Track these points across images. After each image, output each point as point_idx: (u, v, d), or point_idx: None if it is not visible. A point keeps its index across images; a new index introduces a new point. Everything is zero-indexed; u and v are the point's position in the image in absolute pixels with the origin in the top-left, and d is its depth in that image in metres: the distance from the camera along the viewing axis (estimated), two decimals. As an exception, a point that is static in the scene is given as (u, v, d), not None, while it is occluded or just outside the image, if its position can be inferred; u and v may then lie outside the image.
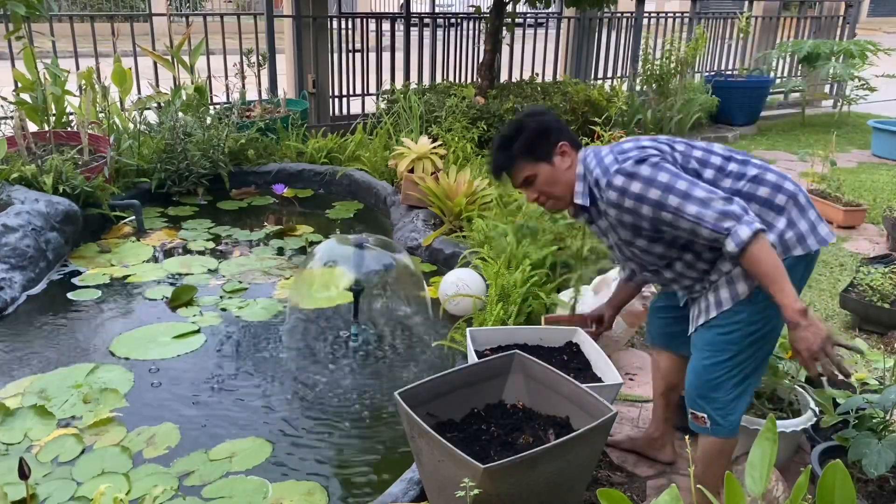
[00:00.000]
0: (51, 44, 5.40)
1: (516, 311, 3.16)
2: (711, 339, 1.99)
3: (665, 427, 2.49)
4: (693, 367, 2.06)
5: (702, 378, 2.01)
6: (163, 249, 4.36)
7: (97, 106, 5.27)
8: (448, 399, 2.16)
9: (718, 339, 1.97)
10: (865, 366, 3.03)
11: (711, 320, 1.98)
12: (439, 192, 4.40)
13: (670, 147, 1.97)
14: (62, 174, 4.36)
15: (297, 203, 5.29)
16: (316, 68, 6.55)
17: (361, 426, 2.75)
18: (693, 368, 2.05)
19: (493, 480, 1.74)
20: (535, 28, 8.26)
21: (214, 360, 3.16)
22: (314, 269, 3.39)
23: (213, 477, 2.42)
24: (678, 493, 1.43)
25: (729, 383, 1.98)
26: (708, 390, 2.01)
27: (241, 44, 6.26)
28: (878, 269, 3.75)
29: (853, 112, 8.92)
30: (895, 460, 2.00)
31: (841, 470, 1.39)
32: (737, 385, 1.99)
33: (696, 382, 2.04)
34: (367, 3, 17.19)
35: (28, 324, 3.43)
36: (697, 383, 2.03)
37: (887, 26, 22.00)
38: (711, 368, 1.99)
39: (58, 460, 2.49)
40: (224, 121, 5.56)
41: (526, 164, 2.05)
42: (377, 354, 3.26)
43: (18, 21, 4.41)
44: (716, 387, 2.00)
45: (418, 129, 5.57)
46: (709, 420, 2.03)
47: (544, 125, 2.06)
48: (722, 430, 2.03)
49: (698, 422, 2.06)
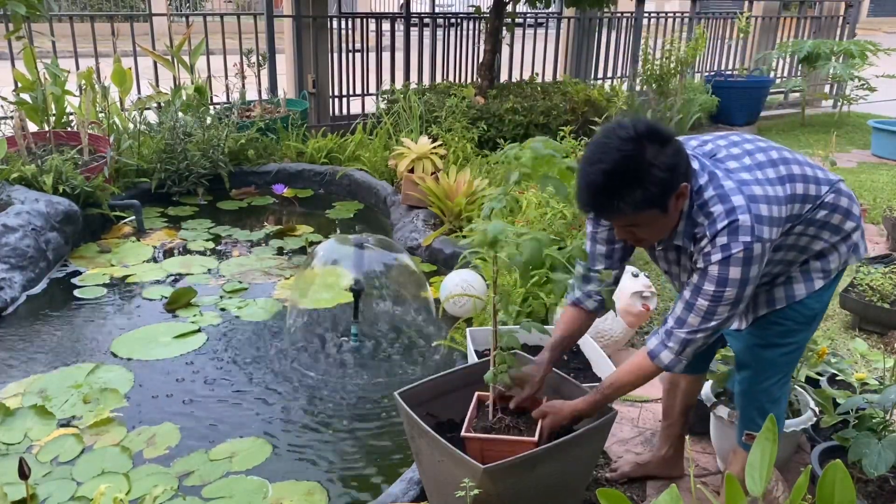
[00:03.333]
0: (51, 44, 5.40)
1: (516, 311, 3.16)
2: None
3: (679, 443, 2.39)
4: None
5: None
6: (163, 249, 4.36)
7: (97, 106, 5.27)
8: (448, 399, 2.16)
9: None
10: (865, 366, 3.03)
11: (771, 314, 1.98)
12: (439, 192, 4.40)
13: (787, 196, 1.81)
14: (62, 174, 4.36)
15: (297, 203, 5.29)
16: (316, 68, 6.54)
17: (361, 426, 2.75)
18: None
19: (493, 481, 1.74)
20: (535, 28, 8.26)
21: (215, 360, 3.16)
22: (314, 268, 3.39)
23: (213, 477, 2.42)
24: (678, 493, 1.43)
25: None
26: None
27: (241, 44, 6.25)
28: (878, 269, 3.75)
29: (853, 112, 8.91)
30: (895, 460, 2.00)
31: (841, 470, 1.39)
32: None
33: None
34: (367, 3, 17.18)
35: (28, 324, 3.43)
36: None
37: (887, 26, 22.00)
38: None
39: (58, 460, 2.49)
40: (224, 121, 5.56)
41: (635, 215, 1.70)
42: (377, 354, 3.26)
43: (18, 21, 4.41)
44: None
45: (418, 129, 5.57)
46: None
47: (672, 168, 1.66)
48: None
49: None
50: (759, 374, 2.03)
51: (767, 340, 1.99)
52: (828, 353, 2.65)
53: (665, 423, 2.43)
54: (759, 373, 2.02)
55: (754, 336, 2.02)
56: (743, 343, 2.05)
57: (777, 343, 1.99)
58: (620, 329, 3.07)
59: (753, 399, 2.06)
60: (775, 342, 1.99)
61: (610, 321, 3.07)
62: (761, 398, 2.04)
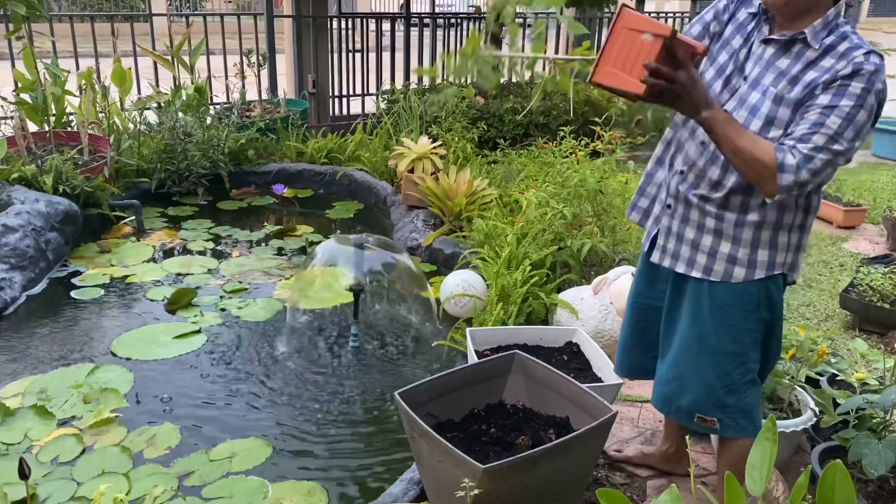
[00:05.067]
0: (51, 44, 5.40)
1: (516, 311, 3.16)
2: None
3: (682, 442, 2.38)
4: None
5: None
6: (163, 249, 4.36)
7: (97, 106, 5.27)
8: (448, 399, 2.16)
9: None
10: (865, 366, 3.03)
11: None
12: (439, 192, 4.40)
13: None
14: (62, 174, 4.36)
15: (297, 203, 5.29)
16: (316, 68, 6.55)
17: (361, 426, 2.75)
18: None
19: (493, 481, 1.74)
20: (535, 28, 8.25)
21: (215, 360, 3.16)
22: (315, 268, 3.39)
23: (214, 477, 2.42)
24: (678, 493, 1.43)
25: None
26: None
27: (241, 44, 6.26)
28: (878, 269, 3.75)
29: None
30: (895, 460, 2.00)
31: (841, 470, 1.39)
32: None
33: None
34: (367, 3, 17.18)
35: (28, 324, 3.43)
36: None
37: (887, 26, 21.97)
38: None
39: (58, 460, 2.49)
40: (224, 121, 5.56)
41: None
42: (377, 354, 3.26)
43: (18, 21, 4.41)
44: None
45: (418, 129, 5.57)
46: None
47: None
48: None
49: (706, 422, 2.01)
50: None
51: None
52: (828, 353, 2.65)
53: (666, 421, 2.45)
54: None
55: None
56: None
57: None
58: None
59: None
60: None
61: (610, 321, 3.07)
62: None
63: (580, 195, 3.80)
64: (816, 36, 1.73)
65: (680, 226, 1.94)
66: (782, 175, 1.68)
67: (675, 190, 1.94)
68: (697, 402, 1.97)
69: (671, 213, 1.96)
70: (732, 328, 1.90)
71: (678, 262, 1.95)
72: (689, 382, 1.97)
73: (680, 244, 1.94)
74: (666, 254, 1.98)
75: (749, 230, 1.84)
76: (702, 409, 1.97)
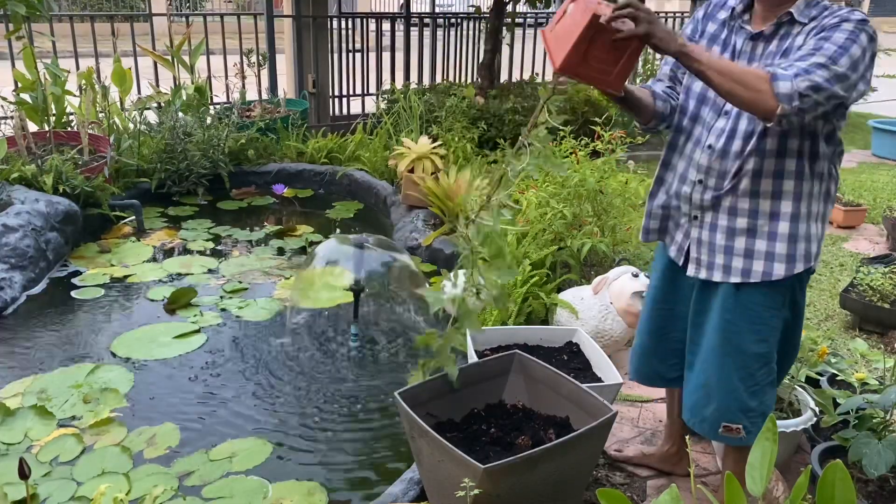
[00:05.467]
0: (51, 44, 5.40)
1: (516, 311, 3.16)
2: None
3: (682, 442, 2.37)
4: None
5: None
6: (163, 249, 4.36)
7: (97, 106, 5.27)
8: (448, 399, 2.16)
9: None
10: (865, 366, 3.03)
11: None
12: (439, 192, 4.40)
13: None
14: (62, 174, 4.36)
15: (297, 203, 5.29)
16: (316, 68, 6.55)
17: (361, 426, 2.75)
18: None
19: (493, 480, 1.74)
20: (535, 28, 8.25)
21: (215, 360, 3.16)
22: (315, 268, 3.39)
23: (214, 477, 2.42)
24: (678, 493, 1.43)
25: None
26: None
27: (241, 44, 6.26)
28: (878, 269, 3.75)
29: (853, 112, 8.89)
30: (895, 460, 2.00)
31: (841, 470, 1.39)
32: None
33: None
34: (367, 3, 17.18)
35: (28, 324, 3.43)
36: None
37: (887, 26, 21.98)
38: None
39: (58, 460, 2.49)
40: (224, 121, 5.55)
41: None
42: (377, 354, 3.26)
43: (18, 21, 4.41)
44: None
45: (418, 129, 5.57)
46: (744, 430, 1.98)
47: None
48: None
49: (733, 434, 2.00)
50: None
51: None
52: (828, 353, 2.65)
53: (667, 422, 2.46)
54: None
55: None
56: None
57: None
58: (621, 329, 3.07)
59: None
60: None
61: (610, 321, 3.07)
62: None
63: (580, 195, 3.80)
64: (802, 13, 1.78)
65: (710, 234, 1.93)
66: (778, 83, 1.63)
67: (699, 200, 1.92)
68: (722, 408, 1.97)
69: (699, 223, 1.95)
70: (761, 329, 1.91)
71: (714, 271, 1.93)
72: (713, 390, 1.97)
73: (713, 254, 1.93)
74: (701, 266, 1.97)
75: (784, 223, 1.83)
76: (727, 416, 1.97)
